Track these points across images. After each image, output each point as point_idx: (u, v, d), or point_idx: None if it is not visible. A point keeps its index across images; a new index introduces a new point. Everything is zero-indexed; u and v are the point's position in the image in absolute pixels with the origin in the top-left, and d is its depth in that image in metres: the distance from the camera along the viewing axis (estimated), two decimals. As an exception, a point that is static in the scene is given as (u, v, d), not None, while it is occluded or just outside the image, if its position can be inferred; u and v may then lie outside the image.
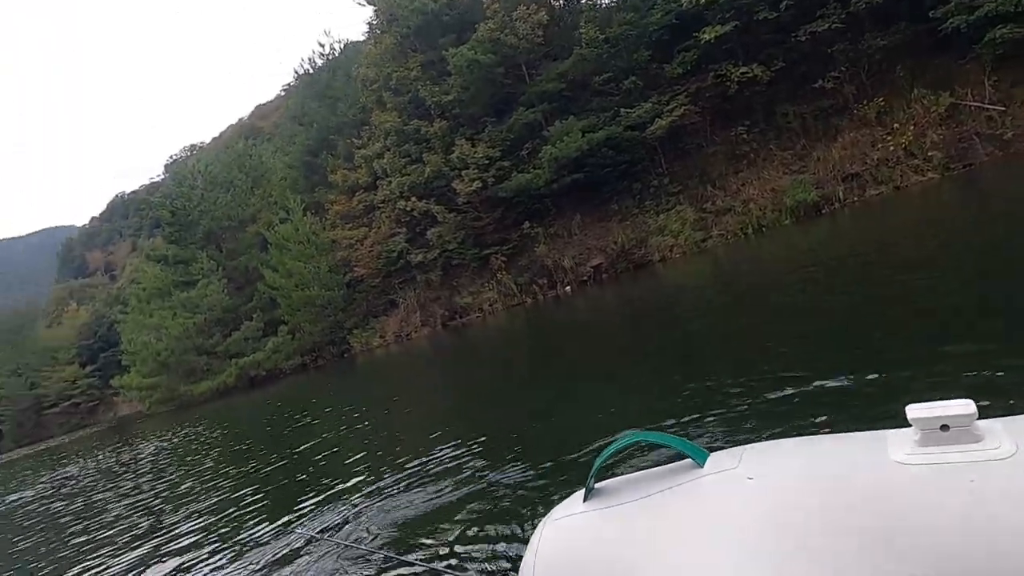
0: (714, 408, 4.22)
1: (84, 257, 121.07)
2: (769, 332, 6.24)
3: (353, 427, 9.42)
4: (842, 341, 4.99)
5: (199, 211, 34.16)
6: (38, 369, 73.09)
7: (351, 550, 3.75)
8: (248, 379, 31.10)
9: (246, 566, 4.34)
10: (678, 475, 1.24)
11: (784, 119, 24.16)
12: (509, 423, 6.18)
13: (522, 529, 3.25)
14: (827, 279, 8.32)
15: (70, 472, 17.98)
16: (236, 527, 5.53)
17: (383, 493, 4.92)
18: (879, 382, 3.66)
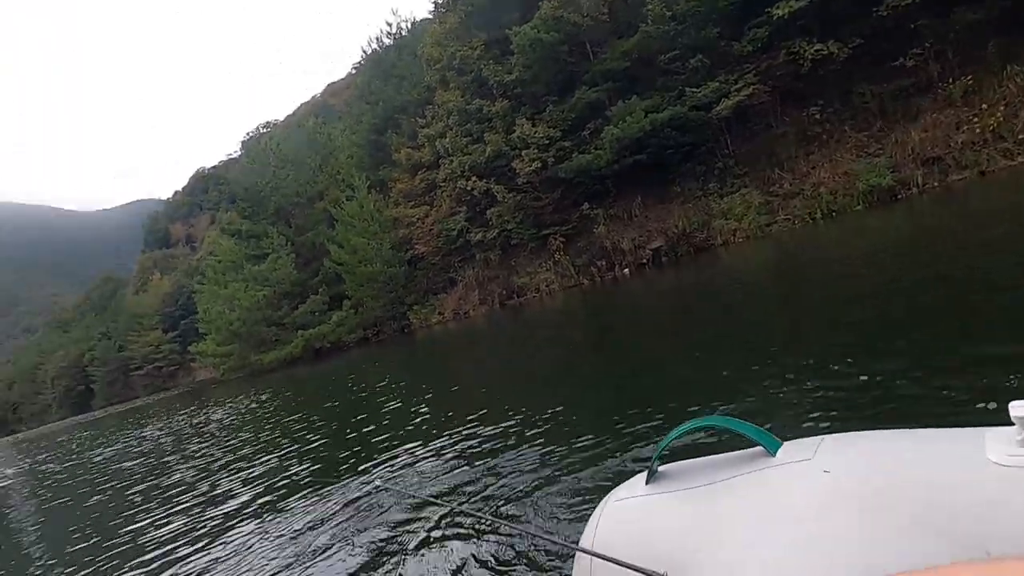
0: (780, 396, 4.04)
1: (167, 229, 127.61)
2: (839, 320, 5.98)
3: (414, 396, 9.88)
4: (920, 332, 4.68)
5: (270, 188, 35.53)
6: (125, 333, 77.88)
7: (412, 498, 4.07)
8: (313, 351, 32.40)
9: (316, 512, 4.83)
10: (748, 463, 1.20)
11: (860, 99, 23.00)
12: (566, 400, 6.15)
13: (575, 506, 3.29)
14: (901, 266, 7.90)
15: (156, 432, 19.24)
16: (303, 480, 6.02)
17: (441, 454, 5.26)
18: (967, 377, 3.39)
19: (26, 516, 10.69)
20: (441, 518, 3.84)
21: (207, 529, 5.53)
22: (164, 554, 5.16)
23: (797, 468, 1.11)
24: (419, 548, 3.62)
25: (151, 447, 14.61)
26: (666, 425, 4.13)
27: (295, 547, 4.24)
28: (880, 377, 3.73)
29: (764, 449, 1.20)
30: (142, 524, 6.37)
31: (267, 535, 4.74)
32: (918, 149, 21.15)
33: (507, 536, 3.29)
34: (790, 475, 1.11)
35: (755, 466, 1.19)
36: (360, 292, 31.26)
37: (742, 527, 1.02)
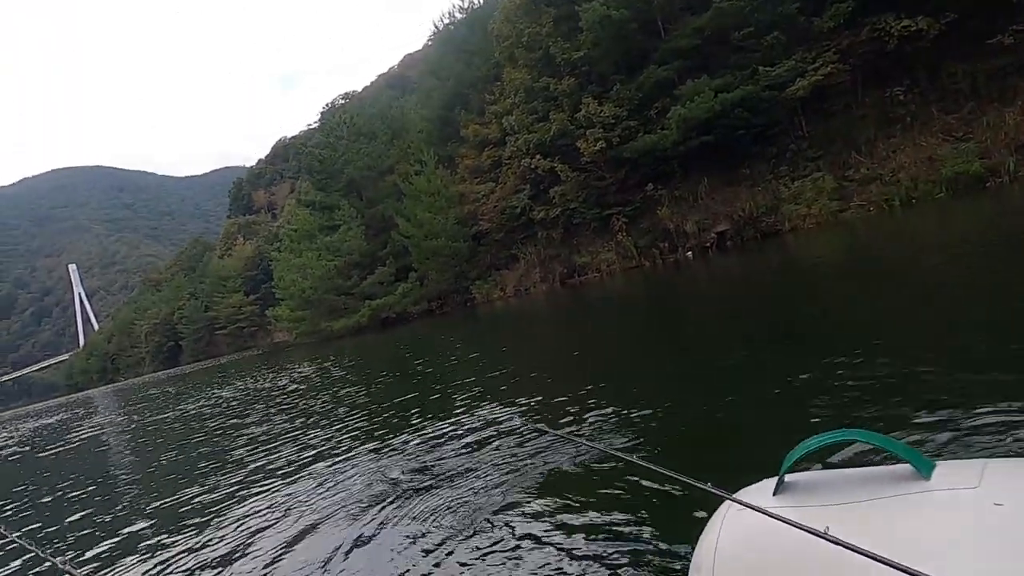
0: (871, 405, 3.62)
1: (250, 196, 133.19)
2: (923, 318, 5.55)
3: (477, 367, 10.48)
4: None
5: (343, 160, 36.73)
6: (211, 295, 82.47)
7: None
8: (380, 320, 33.67)
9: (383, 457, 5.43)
10: (896, 484, 1.08)
11: (951, 79, 21.59)
12: (627, 386, 6.04)
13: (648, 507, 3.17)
14: (991, 260, 7.46)
15: (238, 387, 20.67)
16: (382, 429, 6.74)
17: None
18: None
19: (123, 451, 12.00)
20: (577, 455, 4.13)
21: (314, 458, 6.41)
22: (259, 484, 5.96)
23: (960, 497, 0.98)
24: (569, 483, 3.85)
25: (248, 399, 15.74)
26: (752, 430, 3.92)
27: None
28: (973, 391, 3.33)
29: (915, 469, 1.07)
30: (247, 458, 7.11)
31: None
32: (1012, 134, 19.76)
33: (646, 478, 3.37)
34: (951, 504, 0.97)
35: (905, 488, 1.06)
36: (425, 265, 32.15)
37: (901, 556, 0.85)
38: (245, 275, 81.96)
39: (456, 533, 3.47)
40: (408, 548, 3.42)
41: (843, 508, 1.10)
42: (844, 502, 1.11)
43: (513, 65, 28.31)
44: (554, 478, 3.95)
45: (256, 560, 3.91)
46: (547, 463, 4.23)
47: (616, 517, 3.12)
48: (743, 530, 1.20)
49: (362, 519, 4.10)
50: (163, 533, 5.13)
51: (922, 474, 1.06)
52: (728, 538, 1.21)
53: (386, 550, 3.51)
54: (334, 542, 3.84)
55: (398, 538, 3.62)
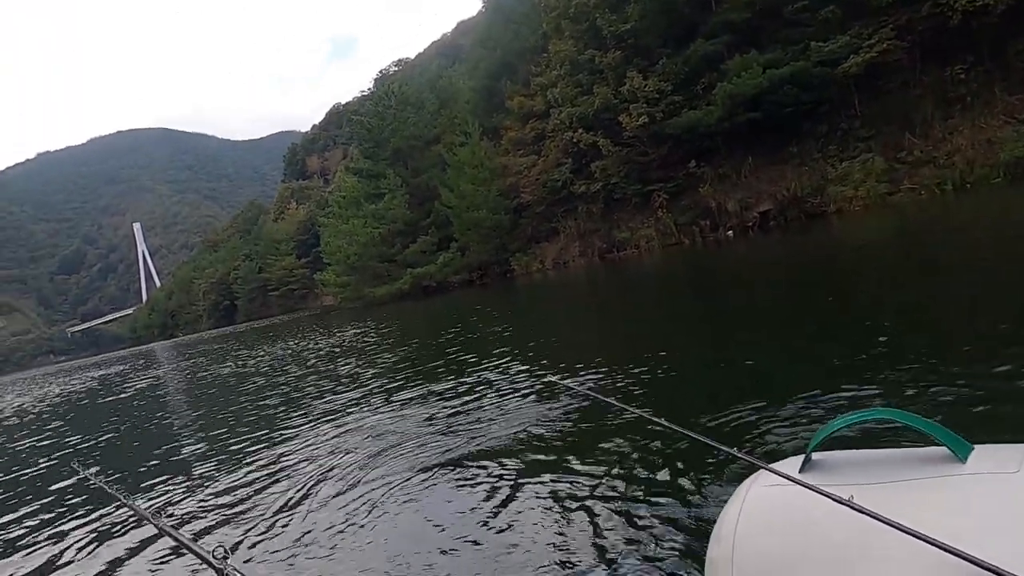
0: (909, 388, 3.57)
1: (304, 161, 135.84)
2: (976, 308, 5.39)
3: (513, 333, 10.93)
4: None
5: (390, 129, 37.23)
6: (264, 256, 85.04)
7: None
8: (421, 288, 34.42)
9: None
10: (930, 466, 1.05)
11: (1017, 57, 20.50)
12: (665, 361, 6.08)
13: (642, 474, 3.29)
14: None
15: (290, 345, 21.62)
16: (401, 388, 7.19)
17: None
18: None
19: (179, 399, 12.99)
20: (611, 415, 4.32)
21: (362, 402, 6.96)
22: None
23: (1000, 480, 0.95)
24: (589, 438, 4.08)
25: (294, 356, 16.58)
26: (754, 404, 3.96)
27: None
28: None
29: (951, 452, 1.04)
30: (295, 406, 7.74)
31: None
32: (1081, 117, 18.80)
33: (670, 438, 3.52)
34: (990, 488, 0.95)
35: (940, 471, 1.03)
36: (467, 236, 32.60)
37: (933, 535, 0.84)
38: (297, 239, 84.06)
39: (473, 485, 3.71)
40: (428, 499, 3.70)
41: (872, 487, 1.06)
42: (873, 481, 1.08)
43: (559, 36, 28.10)
44: (583, 438, 4.14)
45: (289, 492, 4.41)
46: (577, 423, 4.47)
47: (643, 480, 3.24)
48: (768, 501, 1.19)
49: (395, 467, 4.46)
50: (209, 471, 5.67)
51: (958, 457, 1.03)
52: (752, 507, 1.20)
53: (406, 494, 3.85)
54: (356, 481, 4.30)
55: (417, 485, 3.97)
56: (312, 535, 3.50)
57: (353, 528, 3.48)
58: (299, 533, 3.57)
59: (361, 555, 3.11)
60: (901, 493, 1.03)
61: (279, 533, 3.66)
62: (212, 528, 4.05)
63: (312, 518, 3.79)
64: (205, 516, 4.34)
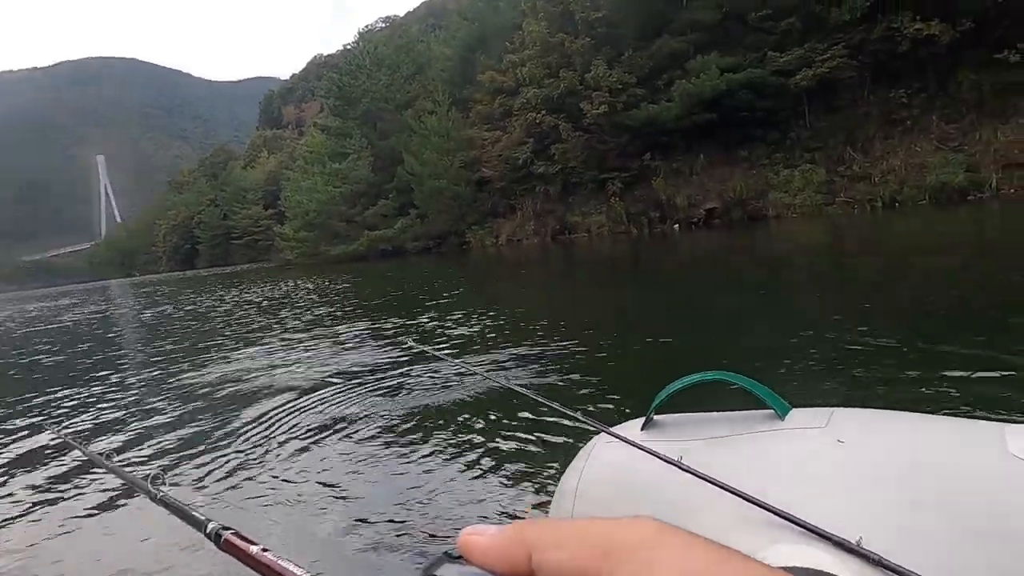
0: (795, 365, 4.22)
1: (280, 110, 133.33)
2: (880, 311, 5.87)
3: (442, 300, 11.43)
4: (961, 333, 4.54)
5: (362, 89, 37.13)
6: (231, 204, 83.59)
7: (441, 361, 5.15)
8: (378, 251, 34.78)
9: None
10: (754, 423, 1.17)
11: (958, 88, 21.63)
12: (589, 338, 6.51)
13: (550, 437, 3.41)
14: (958, 271, 7.85)
15: (245, 293, 21.90)
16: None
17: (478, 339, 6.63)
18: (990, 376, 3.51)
19: (124, 331, 13.31)
20: (466, 380, 4.68)
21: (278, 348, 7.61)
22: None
23: (809, 434, 1.08)
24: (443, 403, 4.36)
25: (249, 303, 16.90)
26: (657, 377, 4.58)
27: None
28: (909, 364, 3.94)
29: (773, 412, 1.16)
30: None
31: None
32: (1003, 151, 20.01)
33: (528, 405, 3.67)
34: (801, 440, 1.08)
35: (763, 427, 1.15)
36: (427, 204, 32.99)
37: (750, 483, 0.96)
38: (265, 189, 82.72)
39: (335, 440, 3.89)
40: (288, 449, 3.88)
41: (703, 442, 1.17)
42: (705, 437, 1.19)
43: (534, 16, 28.42)
44: (454, 405, 4.36)
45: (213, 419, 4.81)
46: (454, 391, 4.71)
47: (502, 443, 3.42)
48: (608, 460, 1.27)
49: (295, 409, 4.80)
50: (143, 402, 5.91)
51: (779, 415, 1.15)
52: (594, 466, 1.27)
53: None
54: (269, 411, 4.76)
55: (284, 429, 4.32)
56: (244, 469, 3.69)
57: (277, 459, 3.75)
58: (230, 464, 3.76)
59: (281, 484, 3.36)
60: (727, 448, 1.14)
61: (210, 463, 3.84)
62: (146, 456, 4.17)
63: (241, 451, 4.01)
64: (139, 445, 4.41)
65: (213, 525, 0.63)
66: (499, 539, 0.24)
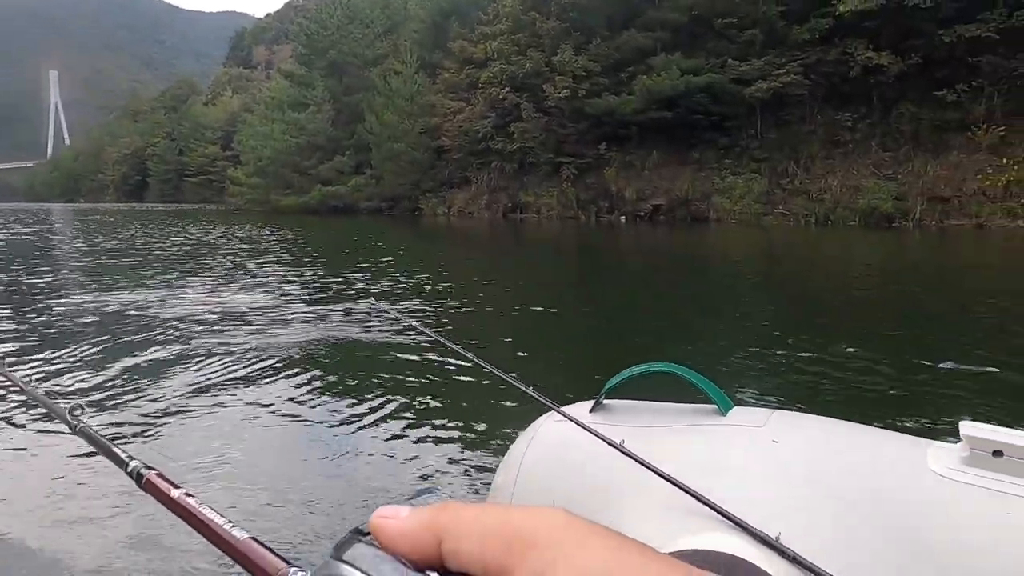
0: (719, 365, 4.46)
1: (251, 49, 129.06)
2: (809, 324, 6.20)
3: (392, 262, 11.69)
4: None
5: (330, 41, 36.40)
6: (188, 139, 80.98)
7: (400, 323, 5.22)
8: (329, 207, 34.50)
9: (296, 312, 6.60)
10: (697, 416, 1.22)
11: (899, 119, 22.67)
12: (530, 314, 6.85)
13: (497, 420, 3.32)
14: (876, 293, 8.40)
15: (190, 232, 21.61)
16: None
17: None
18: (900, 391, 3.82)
19: (56, 257, 13.06)
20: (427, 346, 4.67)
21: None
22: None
23: (748, 431, 1.14)
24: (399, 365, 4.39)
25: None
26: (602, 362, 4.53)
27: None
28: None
29: (717, 407, 1.21)
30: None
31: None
32: (930, 185, 21.17)
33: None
34: (741, 436, 1.13)
35: (705, 421, 1.20)
36: (384, 166, 32.83)
37: (685, 472, 0.99)
38: (225, 129, 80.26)
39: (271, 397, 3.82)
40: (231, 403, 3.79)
41: (646, 429, 1.22)
42: (648, 425, 1.23)
43: (510, -10, 28.40)
44: (401, 365, 4.41)
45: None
46: (399, 352, 4.77)
47: (451, 413, 3.43)
48: (553, 439, 1.29)
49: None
50: (68, 331, 5.88)
51: (721, 411, 1.20)
52: (538, 445, 1.29)
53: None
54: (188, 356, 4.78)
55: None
56: (165, 401, 3.76)
57: (196, 393, 3.85)
58: (151, 397, 3.81)
59: (211, 426, 3.37)
60: (669, 437, 1.19)
61: (132, 396, 3.81)
62: (66, 384, 4.13)
63: (163, 386, 4.04)
64: (59, 373, 4.37)
65: (135, 464, 0.61)
66: (410, 524, 0.24)
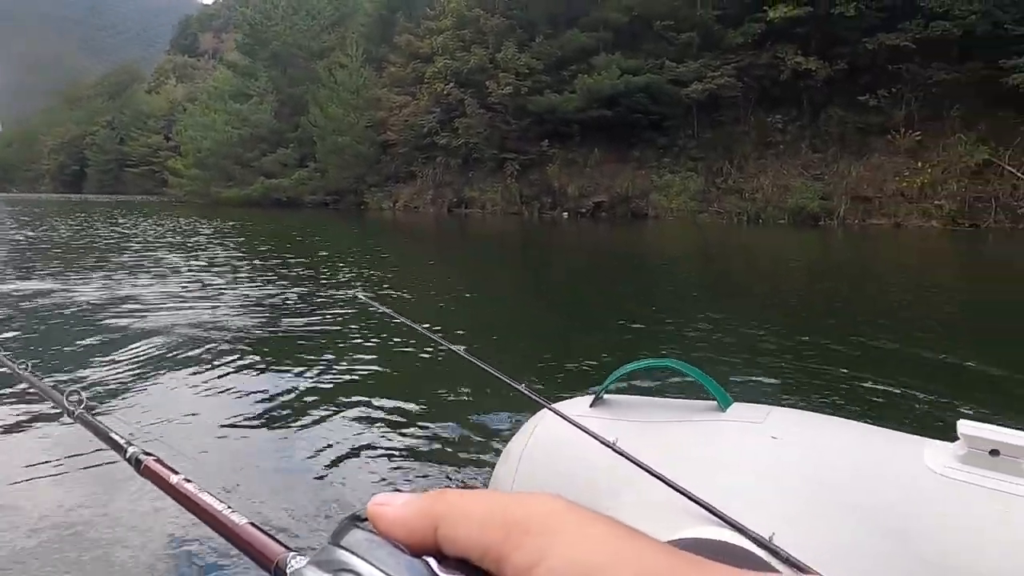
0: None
1: (197, 36, 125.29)
2: (746, 320, 6.38)
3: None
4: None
5: (275, 31, 35.75)
6: (129, 128, 78.24)
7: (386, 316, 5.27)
8: (273, 200, 33.96)
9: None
10: (697, 412, 1.21)
11: (827, 122, 23.66)
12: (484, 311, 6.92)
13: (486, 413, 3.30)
14: (804, 289, 8.80)
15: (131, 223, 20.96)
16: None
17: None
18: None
19: None
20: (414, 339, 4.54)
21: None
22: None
23: (747, 428, 1.13)
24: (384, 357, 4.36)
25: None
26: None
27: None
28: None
29: (716, 403, 1.21)
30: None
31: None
32: (853, 185, 22.21)
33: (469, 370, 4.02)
34: (740, 433, 1.13)
35: (705, 417, 1.19)
36: (328, 159, 32.49)
37: (683, 469, 0.99)
38: (169, 118, 77.88)
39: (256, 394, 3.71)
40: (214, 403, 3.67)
41: (644, 425, 1.21)
42: (652, 420, 1.23)
43: (455, -14, 28.48)
44: (394, 362, 4.32)
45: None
46: (386, 347, 4.72)
47: (447, 410, 3.35)
48: (550, 437, 1.28)
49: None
50: None
51: (720, 407, 1.20)
52: (536, 441, 1.29)
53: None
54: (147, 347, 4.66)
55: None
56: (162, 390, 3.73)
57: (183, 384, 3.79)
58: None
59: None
60: (666, 433, 1.18)
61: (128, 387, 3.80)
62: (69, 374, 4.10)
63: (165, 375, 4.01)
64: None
65: (133, 449, 0.60)
66: (406, 511, 0.24)
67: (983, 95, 20.65)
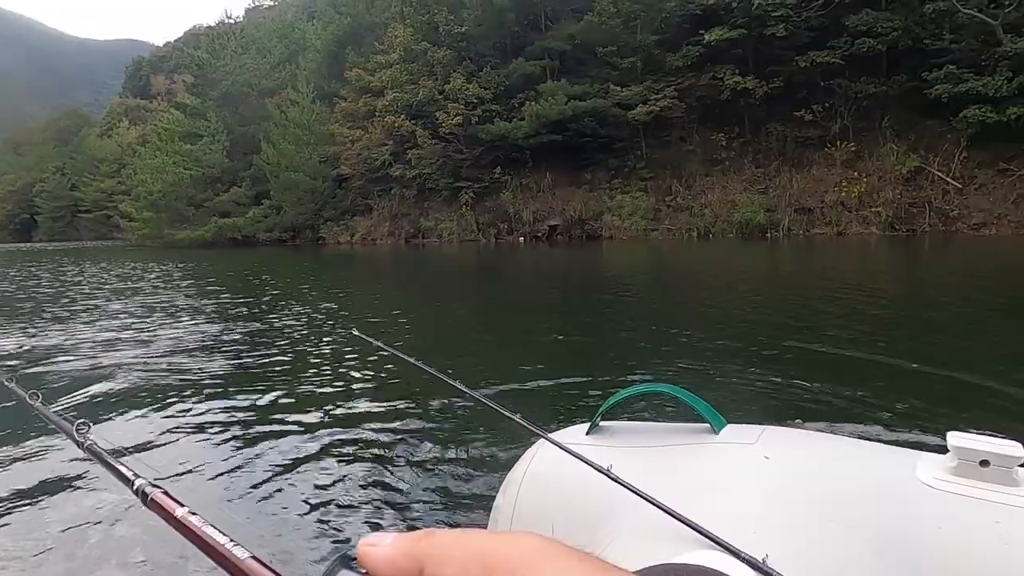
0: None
1: (149, 79, 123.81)
2: (692, 327, 6.63)
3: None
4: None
5: (224, 71, 35.72)
6: (81, 173, 76.57)
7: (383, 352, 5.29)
8: (228, 240, 33.58)
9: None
10: (691, 436, 1.23)
11: (768, 137, 24.51)
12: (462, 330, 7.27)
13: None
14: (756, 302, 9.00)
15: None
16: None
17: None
18: None
19: None
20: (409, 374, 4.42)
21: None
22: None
23: (740, 449, 1.15)
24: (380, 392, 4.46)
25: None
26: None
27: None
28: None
29: (709, 426, 1.22)
30: None
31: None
32: (796, 197, 22.96)
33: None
34: (733, 454, 1.14)
35: (699, 439, 1.21)
36: (282, 196, 32.34)
37: (679, 495, 0.99)
38: (121, 161, 76.59)
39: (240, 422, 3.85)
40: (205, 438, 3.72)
41: (638, 451, 1.23)
42: (648, 445, 1.24)
43: (402, 22, 28.86)
44: (389, 396, 4.35)
45: None
46: (379, 379, 4.83)
47: (441, 442, 3.38)
48: (548, 464, 1.29)
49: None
50: None
51: (714, 429, 1.21)
52: (535, 471, 1.30)
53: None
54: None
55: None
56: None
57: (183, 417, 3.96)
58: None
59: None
60: (661, 458, 1.19)
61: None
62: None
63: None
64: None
65: (141, 481, 0.61)
66: (394, 551, 0.25)
67: (911, 106, 21.70)
